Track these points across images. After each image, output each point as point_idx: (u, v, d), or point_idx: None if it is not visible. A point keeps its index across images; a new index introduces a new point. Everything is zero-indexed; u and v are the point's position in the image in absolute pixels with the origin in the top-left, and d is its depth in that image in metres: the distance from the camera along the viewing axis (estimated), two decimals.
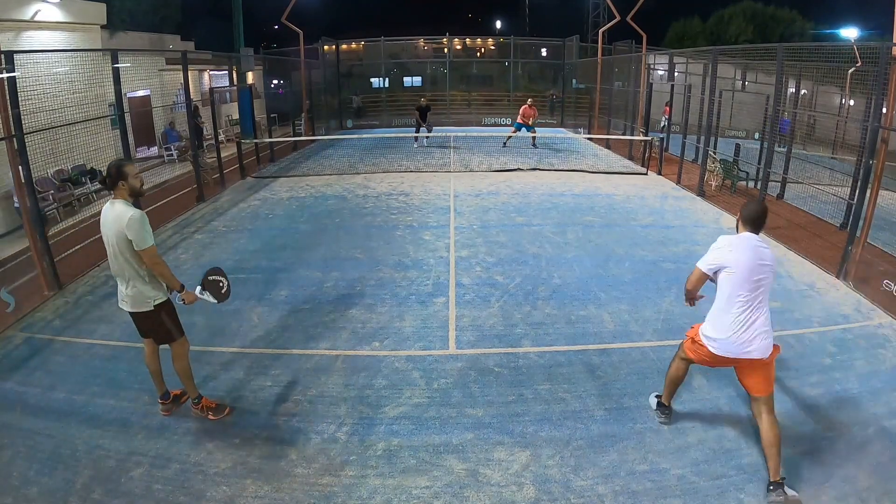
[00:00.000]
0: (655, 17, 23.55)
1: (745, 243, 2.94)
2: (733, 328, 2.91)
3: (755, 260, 2.89)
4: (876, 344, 4.52)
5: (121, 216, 3.11)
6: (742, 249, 2.92)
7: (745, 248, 2.92)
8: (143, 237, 3.13)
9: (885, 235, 6.59)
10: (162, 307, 3.35)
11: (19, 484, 3.00)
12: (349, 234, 7.39)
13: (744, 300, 2.89)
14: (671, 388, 3.48)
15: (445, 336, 4.65)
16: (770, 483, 2.86)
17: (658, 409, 3.57)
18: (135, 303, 3.28)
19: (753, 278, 2.88)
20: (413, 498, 2.93)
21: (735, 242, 2.96)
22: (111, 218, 3.16)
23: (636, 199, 9.29)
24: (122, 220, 3.10)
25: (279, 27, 20.38)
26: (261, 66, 16.95)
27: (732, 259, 2.92)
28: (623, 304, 5.20)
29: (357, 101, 22.06)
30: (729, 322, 2.93)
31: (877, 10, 9.31)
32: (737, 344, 2.91)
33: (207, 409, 3.59)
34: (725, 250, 2.96)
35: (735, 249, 2.94)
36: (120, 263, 3.21)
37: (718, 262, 2.97)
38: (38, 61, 7.03)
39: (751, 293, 2.89)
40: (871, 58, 6.43)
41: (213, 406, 3.62)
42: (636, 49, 15.62)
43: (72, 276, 6.00)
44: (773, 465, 2.86)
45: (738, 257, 2.91)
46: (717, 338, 2.98)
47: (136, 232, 3.10)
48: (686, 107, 12.09)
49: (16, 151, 5.35)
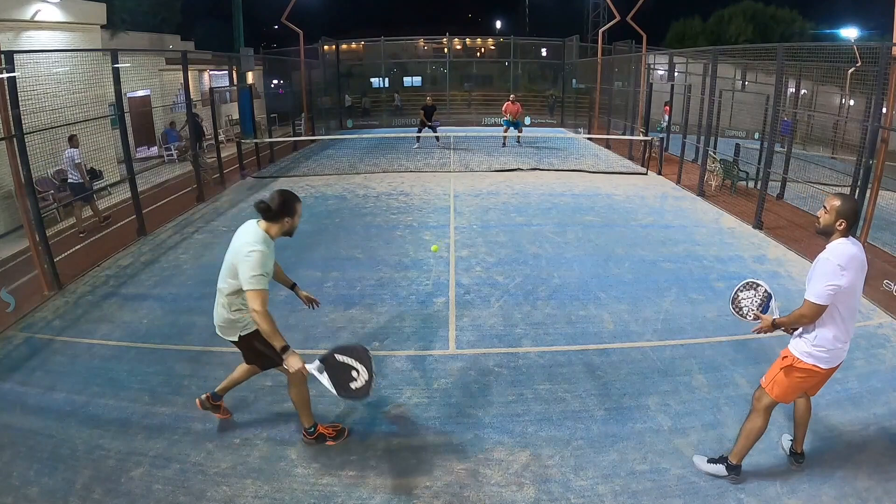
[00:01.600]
0: (655, 17, 23.61)
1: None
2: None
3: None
4: (876, 344, 4.52)
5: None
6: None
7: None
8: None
9: (886, 235, 6.59)
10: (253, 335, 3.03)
11: (19, 484, 3.00)
12: (349, 234, 7.39)
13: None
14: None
15: (445, 336, 4.65)
16: (796, 454, 3.11)
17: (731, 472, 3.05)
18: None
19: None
20: (413, 498, 2.92)
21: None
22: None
23: (636, 199, 9.29)
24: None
25: (279, 27, 20.38)
26: (261, 66, 16.94)
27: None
28: (623, 304, 5.20)
29: (366, 102, 22.05)
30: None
31: (877, 10, 9.32)
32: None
33: (325, 437, 3.32)
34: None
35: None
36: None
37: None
38: (38, 61, 7.03)
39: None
40: (871, 58, 6.43)
41: (332, 433, 3.34)
42: (636, 49, 15.62)
43: (72, 276, 6.00)
44: (802, 436, 3.10)
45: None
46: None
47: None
48: (686, 107, 12.10)
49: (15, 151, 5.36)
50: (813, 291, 2.61)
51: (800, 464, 3.09)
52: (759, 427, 2.90)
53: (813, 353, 2.73)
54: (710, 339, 4.56)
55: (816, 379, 2.82)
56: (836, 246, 2.63)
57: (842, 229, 2.63)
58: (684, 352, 4.37)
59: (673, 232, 7.47)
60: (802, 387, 2.87)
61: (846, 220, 2.61)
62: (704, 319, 4.91)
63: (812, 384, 2.87)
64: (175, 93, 15.07)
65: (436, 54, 25.75)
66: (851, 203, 2.64)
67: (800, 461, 3.10)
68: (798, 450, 3.11)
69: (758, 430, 2.91)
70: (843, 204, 2.62)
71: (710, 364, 4.19)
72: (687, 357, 4.29)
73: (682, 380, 3.98)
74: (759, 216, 7.66)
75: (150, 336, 4.68)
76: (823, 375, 2.80)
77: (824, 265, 2.59)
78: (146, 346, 4.53)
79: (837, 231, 2.64)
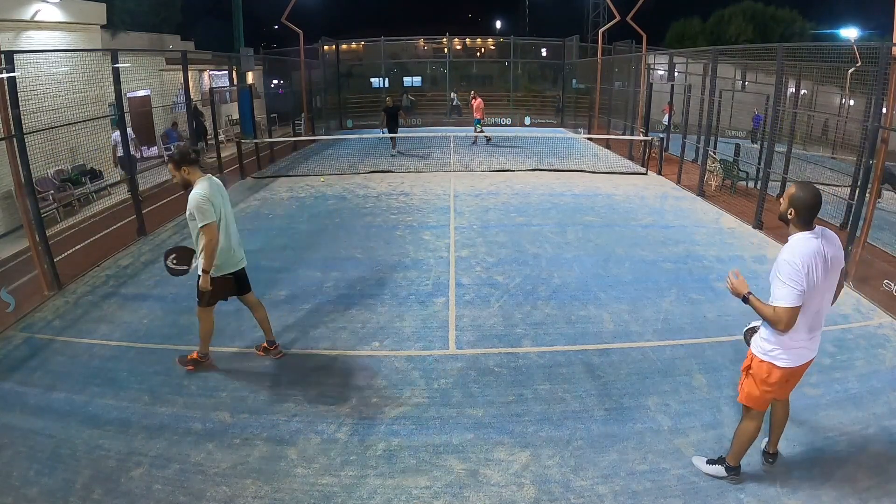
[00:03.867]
0: (655, 17, 23.58)
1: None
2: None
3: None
4: (876, 344, 4.52)
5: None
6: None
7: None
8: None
9: (886, 235, 6.59)
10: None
11: (19, 484, 3.00)
12: (349, 234, 7.39)
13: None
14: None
15: (445, 336, 4.65)
16: (767, 454, 3.10)
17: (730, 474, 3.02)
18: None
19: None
20: (413, 498, 2.92)
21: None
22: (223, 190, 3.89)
23: (636, 199, 9.29)
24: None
25: (279, 27, 20.40)
26: (261, 66, 16.94)
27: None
28: (623, 304, 5.20)
29: (406, 101, 21.55)
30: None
31: (877, 10, 9.30)
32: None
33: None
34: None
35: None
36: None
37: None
38: (38, 61, 7.03)
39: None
40: (871, 58, 6.43)
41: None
42: (636, 49, 15.62)
43: (72, 276, 6.00)
44: (776, 438, 3.08)
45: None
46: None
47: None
48: (686, 107, 12.10)
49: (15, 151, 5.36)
50: (780, 296, 2.44)
51: (771, 464, 3.08)
52: (750, 431, 2.84)
53: (768, 351, 2.62)
54: (710, 340, 4.56)
55: (778, 378, 2.63)
56: (795, 243, 2.50)
57: (792, 218, 2.51)
58: (684, 352, 4.37)
59: (673, 232, 7.46)
60: (768, 388, 2.67)
61: (795, 209, 2.47)
62: (704, 319, 4.91)
63: (777, 385, 2.66)
64: (175, 93, 15.06)
65: (436, 54, 25.76)
66: (805, 192, 2.47)
67: (770, 462, 3.09)
68: (771, 450, 3.09)
69: (750, 434, 2.85)
70: (797, 192, 2.48)
71: (710, 364, 4.19)
72: (687, 357, 4.29)
73: (682, 380, 3.98)
74: (759, 216, 7.66)
75: (150, 336, 4.68)
76: (785, 375, 2.63)
77: (785, 268, 2.45)
78: (146, 346, 4.53)
79: (790, 221, 2.52)
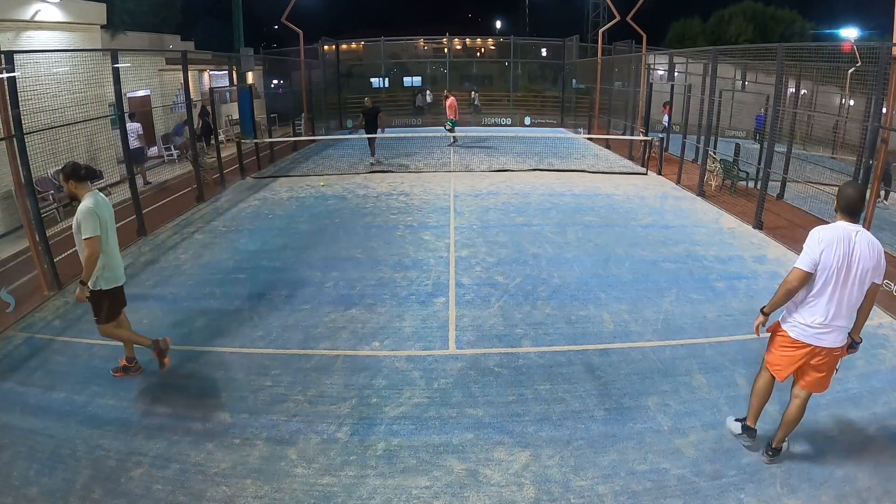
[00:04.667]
0: (655, 17, 23.57)
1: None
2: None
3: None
4: (876, 344, 4.52)
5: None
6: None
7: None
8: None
9: (886, 235, 6.58)
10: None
11: (19, 484, 3.00)
12: (349, 234, 7.39)
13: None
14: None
15: (445, 336, 4.65)
16: (770, 447, 3.14)
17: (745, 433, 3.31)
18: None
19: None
20: (413, 498, 2.92)
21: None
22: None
23: (636, 199, 9.29)
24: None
25: (279, 27, 20.39)
26: (261, 66, 16.94)
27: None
28: (623, 304, 5.20)
29: (420, 100, 21.55)
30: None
31: (877, 10, 9.31)
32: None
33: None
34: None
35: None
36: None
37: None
38: (38, 61, 7.03)
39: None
40: (871, 58, 6.43)
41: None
42: (636, 49, 15.61)
43: (72, 276, 5.99)
44: (783, 435, 3.13)
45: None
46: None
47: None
48: (686, 107, 12.09)
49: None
50: (798, 260, 2.92)
51: (770, 457, 3.13)
52: (759, 385, 3.18)
53: (787, 318, 3.02)
54: (710, 340, 4.56)
55: (785, 345, 2.99)
56: (829, 224, 2.92)
57: (836, 206, 2.94)
58: (684, 352, 4.37)
59: (673, 232, 7.46)
60: (777, 352, 3.04)
61: (838, 199, 2.92)
62: (704, 319, 4.91)
63: (783, 353, 3.01)
64: (175, 93, 15.06)
65: (436, 54, 25.72)
66: (847, 187, 2.92)
67: (770, 454, 3.13)
68: (775, 445, 3.14)
69: (758, 388, 3.18)
70: (843, 186, 2.96)
71: (710, 364, 4.19)
72: (687, 357, 4.29)
73: (682, 380, 3.98)
74: (759, 216, 7.66)
75: (149, 336, 4.67)
76: (790, 344, 2.96)
77: (808, 238, 2.89)
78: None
79: (835, 208, 2.95)
